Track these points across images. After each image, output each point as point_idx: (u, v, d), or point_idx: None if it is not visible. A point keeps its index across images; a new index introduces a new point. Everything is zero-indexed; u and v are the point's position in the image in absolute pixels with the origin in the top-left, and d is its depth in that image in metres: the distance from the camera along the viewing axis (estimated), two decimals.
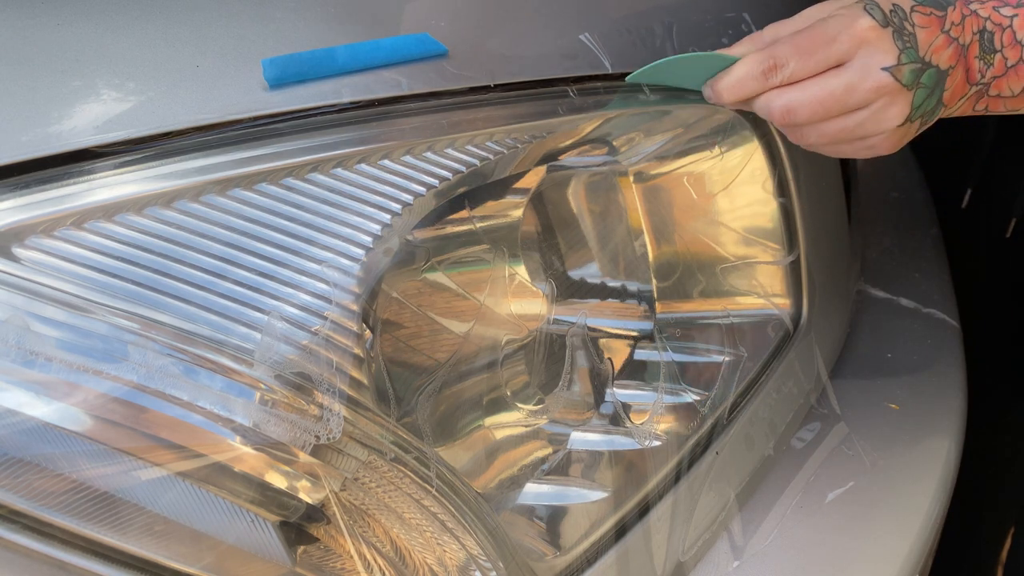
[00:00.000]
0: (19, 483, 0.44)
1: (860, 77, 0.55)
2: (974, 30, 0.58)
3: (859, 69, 0.55)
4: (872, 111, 0.57)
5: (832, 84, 0.56)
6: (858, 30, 0.55)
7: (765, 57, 0.57)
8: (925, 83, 0.57)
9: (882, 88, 0.56)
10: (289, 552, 0.50)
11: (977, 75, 0.58)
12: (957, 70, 0.58)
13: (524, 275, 0.67)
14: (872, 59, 0.55)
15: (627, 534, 0.62)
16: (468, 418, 0.63)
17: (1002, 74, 0.58)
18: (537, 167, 0.64)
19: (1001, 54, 0.58)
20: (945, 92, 0.58)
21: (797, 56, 0.56)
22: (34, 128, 0.46)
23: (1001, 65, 0.58)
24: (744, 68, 0.58)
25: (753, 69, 0.57)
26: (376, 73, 0.54)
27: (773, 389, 0.73)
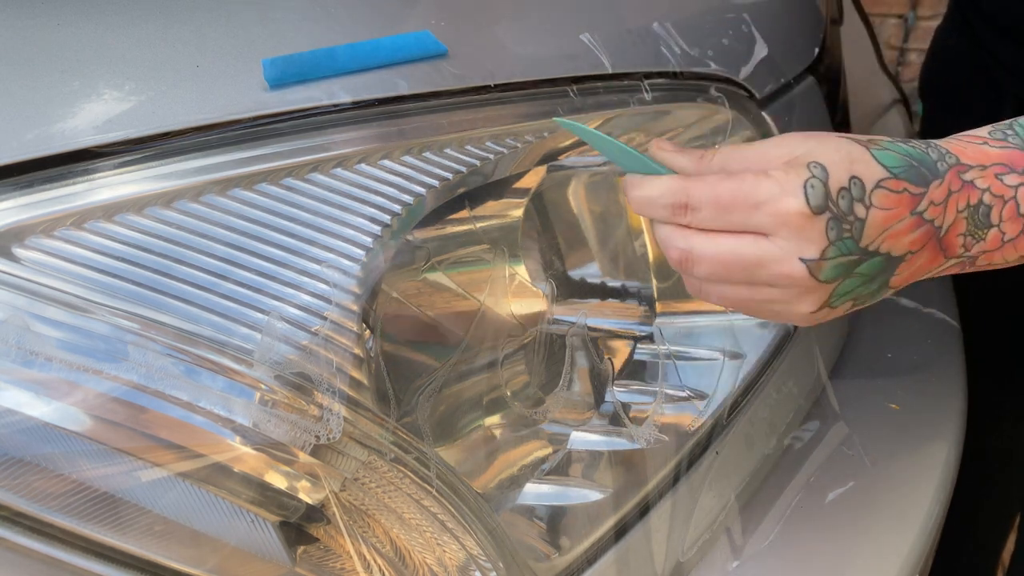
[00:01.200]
0: (19, 483, 0.44)
1: (773, 258, 0.47)
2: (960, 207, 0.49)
3: (776, 249, 0.47)
4: (780, 293, 0.49)
5: (742, 251, 0.48)
6: (783, 210, 0.46)
7: (679, 191, 0.49)
8: (863, 272, 0.49)
9: (794, 279, 0.48)
10: (289, 552, 0.50)
11: (959, 250, 0.50)
12: (921, 253, 0.49)
13: (524, 275, 0.67)
14: (791, 244, 0.47)
15: (627, 534, 0.62)
16: (468, 418, 0.63)
17: (996, 248, 0.50)
18: (537, 167, 0.64)
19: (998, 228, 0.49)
20: (896, 276, 0.50)
21: (713, 208, 0.48)
22: (34, 128, 0.46)
23: (996, 240, 0.50)
24: (655, 189, 0.50)
25: (664, 198, 0.50)
26: (376, 73, 0.54)
27: (773, 389, 0.73)
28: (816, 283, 0.48)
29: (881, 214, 0.47)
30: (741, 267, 0.49)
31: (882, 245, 0.48)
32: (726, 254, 0.49)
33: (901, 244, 0.48)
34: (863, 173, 0.48)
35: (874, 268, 0.49)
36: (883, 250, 0.48)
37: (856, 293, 0.50)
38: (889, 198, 0.48)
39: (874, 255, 0.48)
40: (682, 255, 0.50)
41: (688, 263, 0.50)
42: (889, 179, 0.48)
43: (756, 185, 0.47)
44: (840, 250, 0.47)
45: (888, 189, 0.48)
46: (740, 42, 0.73)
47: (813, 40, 0.88)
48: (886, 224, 0.48)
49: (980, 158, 0.50)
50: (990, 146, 0.50)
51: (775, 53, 0.76)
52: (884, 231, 0.48)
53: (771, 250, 0.48)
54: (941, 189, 0.48)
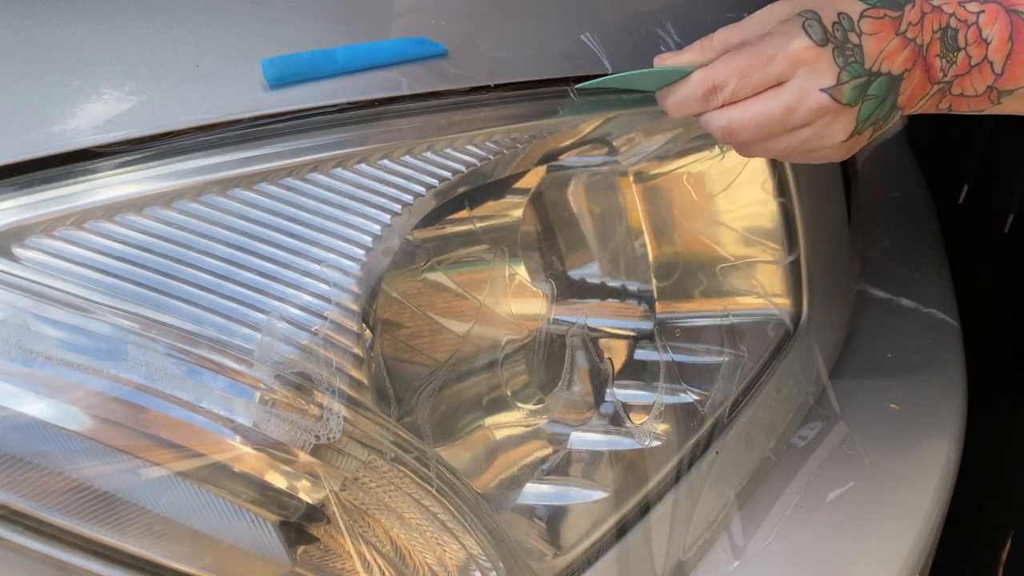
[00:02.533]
0: (19, 483, 0.44)
1: (798, 98, 0.54)
2: (934, 28, 0.56)
3: (797, 89, 0.54)
4: (815, 128, 0.56)
5: (771, 105, 0.55)
6: (794, 51, 0.54)
7: (705, 79, 0.56)
8: (874, 93, 0.55)
9: (822, 109, 0.55)
10: (289, 552, 0.50)
11: (939, 74, 0.57)
12: (914, 71, 0.56)
13: (524, 275, 0.67)
14: (810, 80, 0.54)
15: (627, 534, 0.62)
16: (468, 418, 0.63)
17: (965, 72, 0.57)
18: (537, 167, 0.64)
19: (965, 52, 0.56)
20: (901, 95, 0.57)
21: (735, 77, 0.55)
22: (34, 128, 0.46)
23: (964, 63, 0.56)
24: (686, 89, 0.57)
25: (695, 90, 0.57)
26: (376, 73, 0.54)
27: (773, 389, 0.73)
28: (840, 107, 0.55)
29: (873, 39, 0.55)
30: (776, 119, 0.55)
31: (883, 65, 0.55)
32: (760, 113, 0.55)
33: (897, 62, 0.55)
34: (847, 8, 0.55)
35: (882, 87, 0.55)
36: (884, 69, 0.55)
37: (875, 116, 0.57)
38: (875, 24, 0.55)
39: (879, 75, 0.55)
40: (725, 130, 0.57)
41: (732, 134, 0.57)
42: (869, 9, 0.55)
43: (763, 43, 0.55)
44: (851, 73, 0.54)
45: (871, 17, 0.55)
46: None
47: None
48: (879, 46, 0.55)
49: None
50: None
51: None
52: (880, 52, 0.55)
53: (794, 93, 0.54)
54: (915, 11, 0.56)
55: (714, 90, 0.56)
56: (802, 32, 0.54)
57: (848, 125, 0.56)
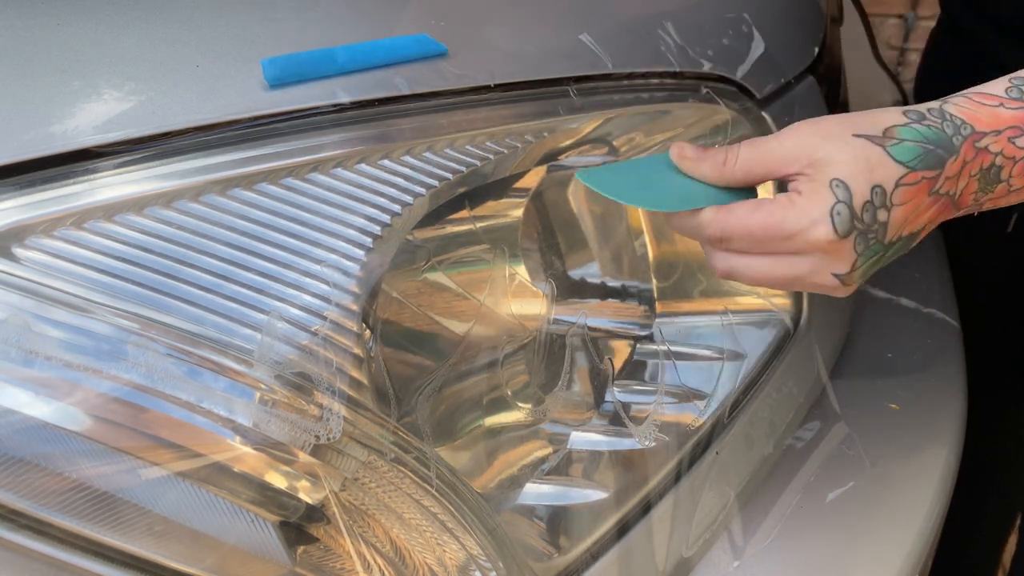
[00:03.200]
0: (19, 483, 0.44)
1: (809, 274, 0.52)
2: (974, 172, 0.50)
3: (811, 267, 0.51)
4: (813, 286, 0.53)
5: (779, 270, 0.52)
6: (812, 240, 0.50)
7: (715, 227, 0.52)
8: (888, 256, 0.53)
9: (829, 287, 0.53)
10: (289, 552, 0.50)
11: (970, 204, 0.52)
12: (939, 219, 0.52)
13: (524, 275, 0.67)
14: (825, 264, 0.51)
15: (627, 534, 0.62)
16: (468, 418, 0.63)
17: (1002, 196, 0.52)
18: (537, 167, 0.64)
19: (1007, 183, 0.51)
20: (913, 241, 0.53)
21: (747, 241, 0.52)
22: (34, 128, 0.46)
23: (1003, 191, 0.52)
24: (694, 222, 0.53)
25: (701, 231, 0.53)
26: (376, 73, 0.54)
27: (773, 389, 0.73)
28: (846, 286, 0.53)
29: (901, 210, 0.50)
30: (777, 280, 0.53)
31: (904, 231, 0.51)
32: (765, 274, 0.53)
33: (920, 223, 0.51)
34: (883, 178, 0.49)
35: (897, 251, 0.52)
36: (905, 234, 0.51)
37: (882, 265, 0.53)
38: (908, 192, 0.49)
39: (897, 241, 0.51)
40: (724, 273, 0.55)
41: (731, 277, 0.55)
42: (907, 174, 0.49)
43: (784, 218, 0.50)
44: (868, 256, 0.51)
45: (907, 185, 0.49)
46: (740, 42, 0.72)
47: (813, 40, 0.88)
48: (907, 216, 0.50)
49: (994, 123, 0.50)
50: (1005, 108, 0.51)
51: (775, 53, 0.76)
52: (905, 220, 0.50)
53: (806, 269, 0.52)
54: (956, 164, 0.50)
55: (721, 241, 0.53)
56: (828, 222, 0.49)
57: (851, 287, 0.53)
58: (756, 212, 0.51)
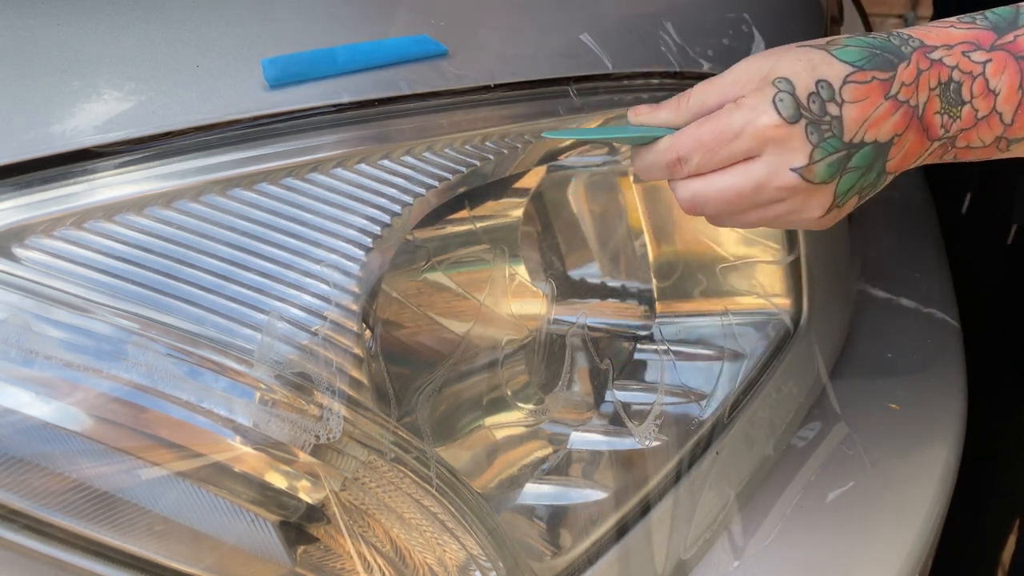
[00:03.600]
0: (19, 483, 0.44)
1: (767, 176, 0.50)
2: (932, 85, 0.50)
3: (766, 167, 0.50)
4: (789, 205, 0.52)
5: (739, 181, 0.51)
6: (762, 128, 0.49)
7: (669, 149, 0.53)
8: (856, 165, 0.51)
9: (793, 188, 0.51)
10: (289, 552, 0.50)
11: (939, 131, 0.51)
12: (907, 134, 0.51)
13: (524, 275, 0.67)
14: (780, 158, 0.50)
15: (627, 534, 0.62)
16: (468, 418, 0.63)
17: (971, 126, 0.51)
18: (537, 167, 0.64)
19: (971, 105, 0.50)
20: (890, 161, 0.52)
21: (700, 152, 0.51)
22: (34, 128, 0.46)
23: (970, 117, 0.51)
24: (652, 156, 0.54)
25: (659, 159, 0.53)
26: (376, 73, 0.54)
27: (773, 389, 0.73)
28: (813, 186, 0.51)
29: (855, 107, 0.49)
30: (743, 196, 0.52)
31: (867, 135, 0.50)
32: (725, 189, 0.52)
33: (884, 129, 0.50)
34: (829, 74, 0.50)
35: (866, 158, 0.51)
36: (869, 139, 0.50)
37: (858, 187, 0.52)
38: (859, 90, 0.50)
39: (862, 146, 0.50)
40: (689, 203, 0.53)
41: (697, 207, 0.53)
42: (855, 72, 0.50)
43: (731, 117, 0.50)
44: (826, 150, 0.50)
45: (856, 82, 0.50)
46: (740, 42, 0.72)
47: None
48: (863, 115, 0.50)
49: (945, 38, 0.51)
50: (956, 28, 0.52)
51: None
52: (864, 121, 0.50)
53: (762, 170, 0.51)
54: (909, 70, 0.50)
55: (679, 162, 0.52)
56: (772, 108, 0.49)
57: (825, 200, 0.52)
58: (705, 122, 0.52)
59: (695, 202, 0.53)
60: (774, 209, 0.52)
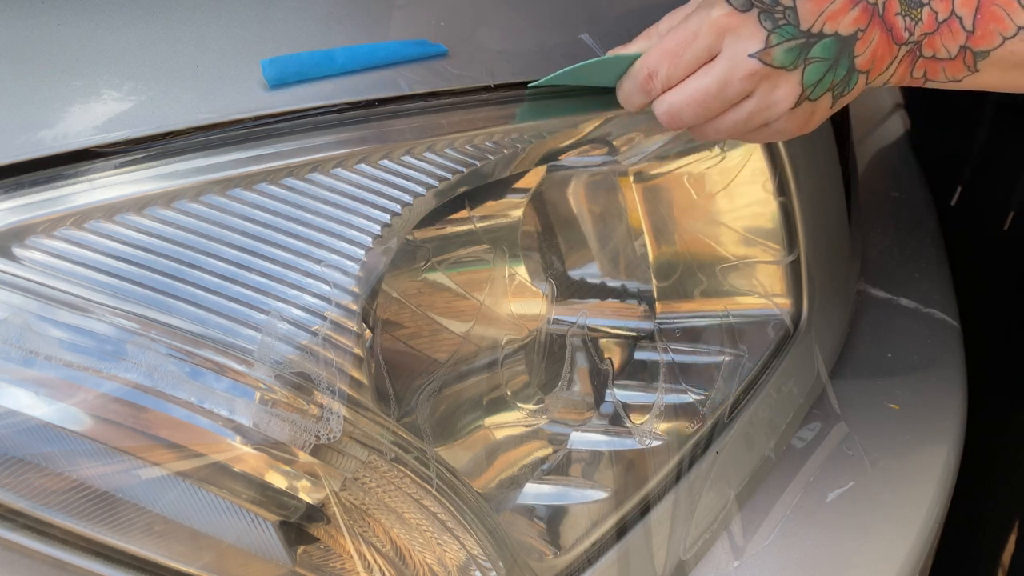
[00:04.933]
0: (19, 483, 0.44)
1: (730, 68, 0.52)
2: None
3: (727, 60, 0.52)
4: (758, 99, 0.53)
5: (705, 81, 0.53)
6: (715, 19, 0.51)
7: (640, 66, 0.55)
8: (819, 55, 0.51)
9: (755, 75, 0.52)
10: (289, 552, 0.50)
11: (904, 33, 0.52)
12: (871, 31, 0.52)
13: (524, 275, 0.67)
14: (737, 47, 0.51)
15: (627, 534, 0.62)
16: (468, 418, 0.63)
17: (933, 30, 0.52)
18: (537, 167, 0.64)
19: (929, 7, 0.52)
20: (859, 57, 0.52)
21: (667, 60, 0.53)
22: (34, 128, 0.46)
23: (931, 20, 0.52)
24: (629, 80, 0.56)
25: (635, 81, 0.55)
26: (376, 73, 0.54)
27: (773, 389, 0.73)
28: (775, 70, 0.52)
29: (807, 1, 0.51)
30: (712, 94, 0.53)
31: (825, 26, 0.51)
32: (696, 92, 0.53)
33: (845, 23, 0.51)
34: None
35: (829, 50, 0.52)
36: (828, 31, 0.51)
37: (828, 81, 0.53)
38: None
39: (821, 36, 0.51)
40: (668, 116, 0.55)
41: (675, 118, 0.55)
42: None
43: (687, 22, 0.53)
44: (782, 35, 0.51)
45: None
46: None
47: None
48: (819, 7, 0.51)
49: None
50: None
51: None
52: (820, 13, 0.51)
53: (722, 65, 0.52)
54: None
55: (650, 77, 0.54)
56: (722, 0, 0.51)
57: (792, 91, 0.53)
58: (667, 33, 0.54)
59: (671, 114, 0.54)
60: (745, 107, 0.53)
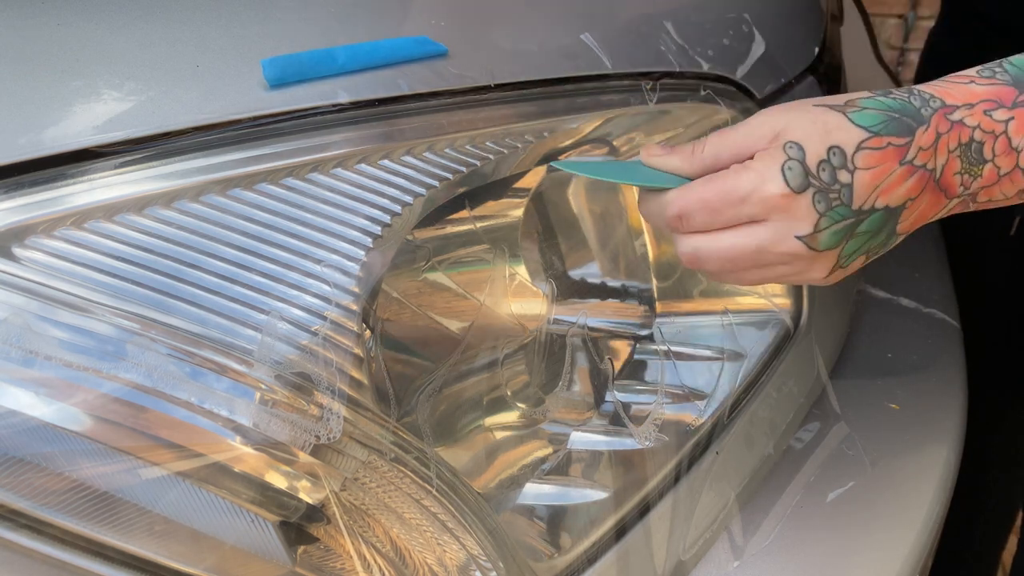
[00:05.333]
0: (19, 483, 0.44)
1: (771, 241, 0.50)
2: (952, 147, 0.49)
3: (771, 232, 0.50)
4: (791, 268, 0.52)
5: (742, 243, 0.51)
6: (768, 196, 0.49)
7: (674, 204, 0.52)
8: (864, 231, 0.50)
9: (796, 255, 0.50)
10: (289, 552, 0.50)
11: (959, 189, 0.50)
12: (922, 197, 0.50)
13: (524, 275, 0.67)
14: (785, 225, 0.49)
15: (627, 534, 0.62)
16: (468, 418, 0.63)
17: (994, 183, 0.50)
18: (537, 167, 0.64)
19: (992, 164, 0.49)
20: (901, 223, 0.51)
21: (705, 212, 0.51)
22: (34, 128, 0.46)
23: (992, 175, 0.50)
24: (657, 207, 0.54)
25: (664, 211, 0.53)
26: (376, 73, 0.54)
27: (773, 389, 0.73)
28: (817, 253, 0.50)
29: (867, 174, 0.48)
30: (745, 256, 0.51)
31: (877, 201, 0.49)
32: (728, 249, 0.51)
33: (897, 195, 0.49)
34: (842, 140, 0.49)
35: (875, 224, 0.50)
36: (879, 205, 0.50)
37: (865, 249, 0.52)
38: (873, 156, 0.48)
39: (871, 212, 0.50)
40: (690, 257, 0.53)
41: (698, 263, 0.53)
42: (870, 138, 0.49)
43: (737, 180, 0.50)
44: (833, 218, 0.49)
45: (870, 148, 0.48)
46: (740, 42, 0.72)
47: (814, 39, 0.88)
48: (875, 182, 0.49)
49: (967, 97, 0.50)
50: (977, 84, 0.50)
51: (775, 53, 0.76)
52: (875, 189, 0.49)
53: (767, 235, 0.50)
54: (928, 134, 0.49)
55: (681, 218, 0.52)
56: (779, 176, 0.48)
57: (828, 263, 0.51)
58: (711, 181, 0.51)
59: (696, 257, 0.53)
60: (776, 270, 0.52)
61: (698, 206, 0.51)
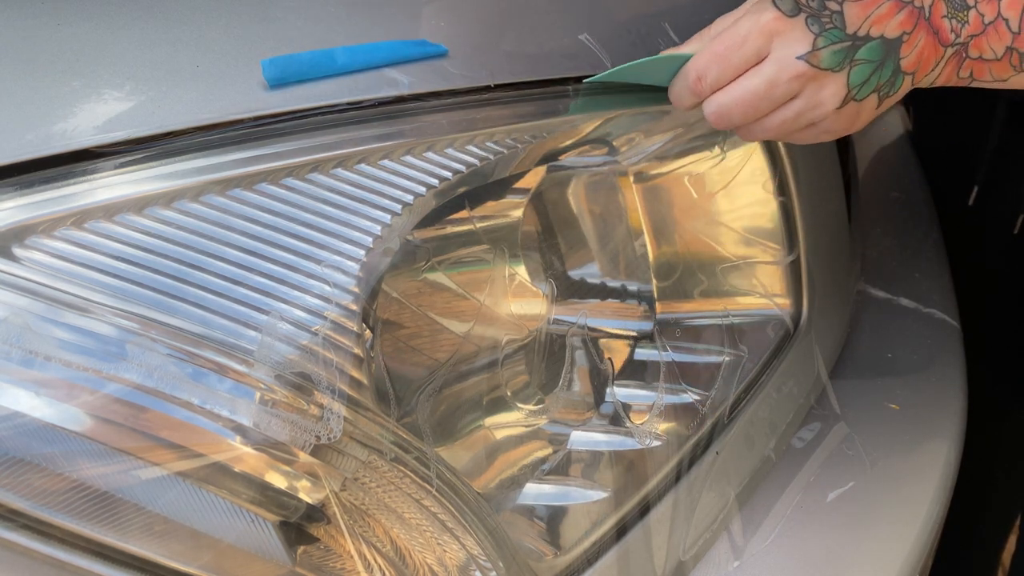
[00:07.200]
0: (19, 483, 0.44)
1: (777, 70, 0.54)
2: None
3: (775, 62, 0.54)
4: (805, 99, 0.55)
5: (753, 82, 0.55)
6: (764, 24, 0.54)
7: (690, 69, 0.57)
8: (865, 57, 0.53)
9: (802, 76, 0.54)
10: (289, 552, 0.50)
11: (950, 35, 0.54)
12: (917, 33, 0.53)
13: (524, 275, 0.67)
14: (785, 50, 0.53)
15: (627, 534, 0.62)
16: (468, 418, 0.63)
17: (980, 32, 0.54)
18: (537, 167, 0.64)
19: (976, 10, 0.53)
20: (904, 59, 0.54)
21: (716, 63, 0.55)
22: (34, 128, 0.46)
23: (978, 22, 0.54)
24: (680, 81, 0.58)
25: (685, 82, 0.57)
26: (376, 73, 0.54)
27: (773, 389, 0.73)
28: (822, 72, 0.54)
29: (857, 4, 0.52)
30: (760, 95, 0.55)
31: (872, 29, 0.53)
32: (744, 92, 0.55)
33: (891, 26, 0.53)
34: None
35: (875, 52, 0.54)
36: (875, 34, 0.53)
37: (874, 82, 0.55)
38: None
39: (867, 39, 0.53)
40: (717, 116, 0.57)
41: (724, 118, 0.57)
42: None
43: (737, 25, 0.55)
44: (829, 39, 0.53)
45: None
46: None
47: None
48: (865, 11, 0.53)
49: None
50: None
51: None
52: (867, 17, 0.53)
53: (771, 67, 0.54)
54: None
55: (699, 79, 0.56)
56: (771, 5, 0.53)
57: (838, 91, 0.54)
58: (717, 37, 0.56)
59: (720, 114, 0.56)
60: (793, 107, 0.55)
61: (710, 59, 0.56)
